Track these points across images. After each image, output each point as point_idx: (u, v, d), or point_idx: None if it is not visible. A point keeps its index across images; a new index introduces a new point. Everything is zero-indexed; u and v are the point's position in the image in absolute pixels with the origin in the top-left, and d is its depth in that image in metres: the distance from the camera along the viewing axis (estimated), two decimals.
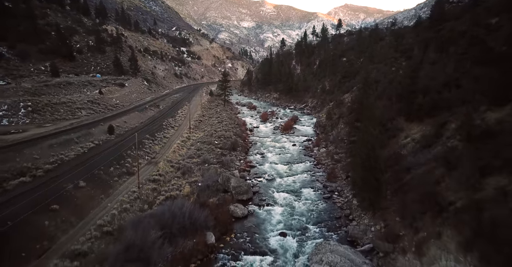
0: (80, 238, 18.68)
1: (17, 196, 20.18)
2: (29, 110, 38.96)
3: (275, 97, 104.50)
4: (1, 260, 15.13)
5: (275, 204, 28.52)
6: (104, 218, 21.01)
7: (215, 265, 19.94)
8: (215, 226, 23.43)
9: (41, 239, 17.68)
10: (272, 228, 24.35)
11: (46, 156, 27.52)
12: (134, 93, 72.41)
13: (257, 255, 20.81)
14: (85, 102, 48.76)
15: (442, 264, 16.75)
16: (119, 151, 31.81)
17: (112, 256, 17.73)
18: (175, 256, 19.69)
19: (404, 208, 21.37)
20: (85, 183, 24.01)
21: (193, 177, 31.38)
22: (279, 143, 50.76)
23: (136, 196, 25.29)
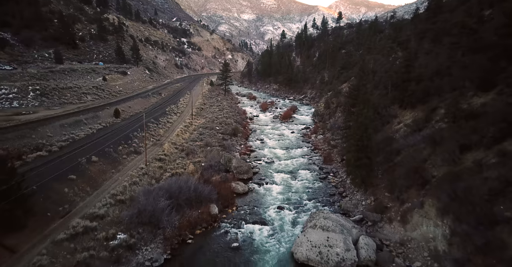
0: (97, 204, 20.50)
1: (37, 166, 21.88)
2: (38, 93, 40.36)
3: (274, 88, 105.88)
4: (32, 217, 16.91)
5: (274, 183, 30.37)
6: (116, 189, 22.81)
7: (218, 232, 21.80)
8: (218, 200, 25.26)
9: (63, 203, 19.50)
10: (270, 203, 26.22)
11: (59, 134, 29.16)
12: (136, 81, 73.66)
13: (257, 224, 22.70)
14: (90, 88, 50.17)
15: (423, 229, 18.71)
16: (126, 132, 33.45)
17: (126, 218, 19.62)
18: (182, 222, 21.52)
19: (393, 184, 23.29)
20: (97, 158, 25.76)
21: (196, 158, 33.12)
22: (278, 130, 52.48)
23: (144, 172, 27.05)
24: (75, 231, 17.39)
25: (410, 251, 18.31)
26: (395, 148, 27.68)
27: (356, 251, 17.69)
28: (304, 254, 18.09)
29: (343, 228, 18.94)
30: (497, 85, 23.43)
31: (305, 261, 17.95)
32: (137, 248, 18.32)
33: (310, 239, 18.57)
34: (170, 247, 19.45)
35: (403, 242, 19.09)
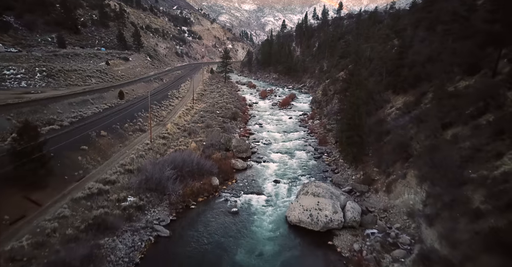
0: (108, 171, 22.37)
1: (51, 137, 23.57)
2: (44, 75, 41.73)
3: (274, 77, 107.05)
4: (52, 178, 18.75)
5: (271, 161, 32.27)
6: (125, 160, 24.66)
7: (219, 200, 23.77)
8: (219, 173, 27.14)
9: (77, 169, 21.35)
10: (267, 177, 28.16)
11: (68, 111, 30.79)
12: (138, 67, 74.76)
13: (254, 194, 24.67)
14: (94, 71, 51.48)
15: (405, 197, 20.71)
16: (131, 112, 35.11)
17: (135, 184, 21.51)
18: (185, 191, 23.43)
19: (380, 159, 25.23)
20: (105, 132, 27.51)
21: (198, 137, 34.90)
22: (277, 116, 54.20)
23: (149, 147, 28.86)
24: (90, 192, 19.27)
25: (392, 215, 20.33)
26: (386, 129, 29.48)
27: (343, 213, 19.68)
28: (297, 216, 20.08)
29: (333, 195, 20.91)
30: (482, 69, 25.09)
31: (297, 222, 19.95)
32: (146, 210, 20.28)
33: (302, 204, 20.54)
34: (175, 211, 21.40)
35: (386, 209, 21.10)
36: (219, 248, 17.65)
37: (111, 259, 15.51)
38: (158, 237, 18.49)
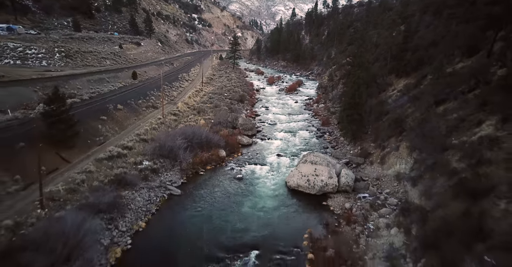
0: (125, 139, 24.64)
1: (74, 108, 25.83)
2: (63, 55, 44.04)
3: (282, 65, 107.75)
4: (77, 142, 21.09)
5: (275, 139, 34.15)
6: (139, 130, 26.91)
7: (225, 168, 25.88)
8: (226, 146, 29.17)
9: (98, 135, 23.70)
10: (271, 152, 30.11)
11: (87, 87, 33.07)
12: (149, 52, 76.71)
13: (258, 165, 26.70)
14: (109, 53, 53.66)
15: (397, 167, 22.40)
16: (144, 91, 37.25)
17: (150, 150, 23.75)
18: (195, 160, 25.57)
19: (377, 135, 26.84)
20: (122, 106, 29.74)
21: (206, 116, 36.93)
22: (283, 100, 55.72)
23: (161, 122, 31.03)
24: (111, 154, 21.59)
25: (383, 183, 22.11)
26: (385, 109, 30.89)
27: (337, 179, 21.57)
28: (295, 182, 22.07)
29: (329, 163, 22.76)
30: (480, 51, 26.13)
31: (296, 187, 21.95)
32: (160, 173, 22.54)
33: (301, 170, 22.48)
34: (185, 175, 23.65)
35: (379, 177, 22.87)
36: (225, 204, 19.83)
37: (131, 207, 17.85)
38: (171, 195, 20.78)
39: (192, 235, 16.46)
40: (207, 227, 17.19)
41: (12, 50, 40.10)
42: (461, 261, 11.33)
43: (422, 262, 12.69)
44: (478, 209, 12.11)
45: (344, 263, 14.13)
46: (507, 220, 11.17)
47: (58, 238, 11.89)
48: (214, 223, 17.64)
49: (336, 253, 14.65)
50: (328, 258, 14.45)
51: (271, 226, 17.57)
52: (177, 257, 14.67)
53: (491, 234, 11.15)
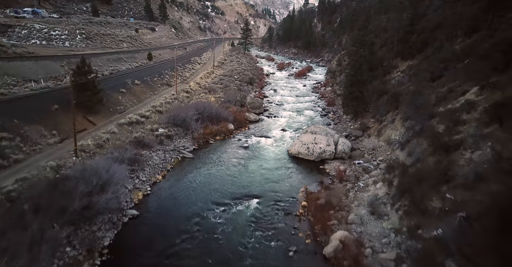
0: (142, 109, 27.14)
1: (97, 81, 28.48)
2: (84, 37, 46.76)
3: (293, 52, 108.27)
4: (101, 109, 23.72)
5: (281, 117, 36.11)
6: (155, 103, 29.37)
7: (233, 139, 28.12)
8: (234, 121, 31.33)
9: (119, 105, 26.27)
10: (276, 127, 32.15)
11: (106, 65, 35.67)
12: (163, 37, 78.97)
13: (263, 137, 28.81)
14: (126, 37, 56.19)
15: (392, 138, 24.06)
16: (159, 70, 39.64)
17: (164, 120, 26.19)
18: (205, 130, 27.90)
19: (376, 110, 28.42)
20: (139, 82, 32.23)
21: (217, 94, 39.08)
22: (292, 84, 57.25)
23: (174, 98, 33.41)
24: (131, 120, 24.13)
25: (378, 152, 23.89)
26: (387, 88, 32.27)
27: (335, 146, 23.50)
28: (296, 149, 24.14)
29: (328, 133, 24.66)
30: (481, 31, 27.08)
31: (296, 154, 24.03)
32: (174, 139, 24.97)
33: (302, 140, 24.50)
34: (197, 143, 26.04)
35: (374, 148, 24.65)
36: (232, 165, 22.14)
37: (150, 164, 20.40)
38: (184, 157, 23.25)
39: (202, 187, 18.87)
40: (215, 181, 19.58)
41: (38, 31, 42.99)
42: (428, 200, 13.31)
43: (397, 205, 14.67)
44: (447, 159, 13.94)
45: (332, 208, 16.25)
46: (469, 166, 12.99)
47: (92, 175, 14.44)
48: (222, 179, 20.00)
49: (327, 202, 16.76)
50: (319, 205, 16.60)
51: (272, 183, 19.81)
52: (189, 202, 17.10)
53: (455, 178, 13.04)
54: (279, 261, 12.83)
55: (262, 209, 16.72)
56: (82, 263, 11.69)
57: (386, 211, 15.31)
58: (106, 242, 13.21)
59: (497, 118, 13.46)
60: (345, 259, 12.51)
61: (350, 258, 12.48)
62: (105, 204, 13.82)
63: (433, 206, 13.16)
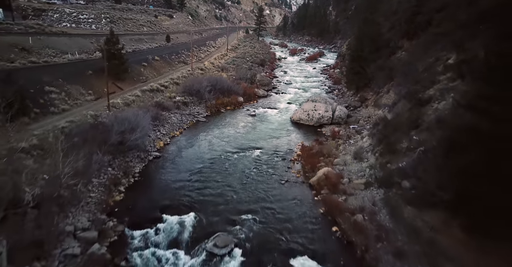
0: (162, 80, 30.49)
1: None
2: (108, 20, 50.55)
3: (307, 39, 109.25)
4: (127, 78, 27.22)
5: (288, 93, 38.71)
6: (173, 76, 32.64)
7: (242, 109, 31.06)
8: (244, 95, 34.23)
9: (141, 76, 29.74)
10: (282, 101, 34.83)
11: (129, 44, 39.23)
12: (180, 24, 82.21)
13: (269, 109, 31.60)
14: (146, 22, 59.79)
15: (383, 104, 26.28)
16: (176, 49, 42.93)
17: (181, 89, 29.45)
18: (217, 101, 30.98)
19: (374, 84, 30.55)
20: (158, 58, 35.62)
21: (229, 72, 42.02)
22: (302, 67, 59.38)
23: (190, 73, 36.64)
24: (152, 88, 27.56)
25: (372, 119, 26.23)
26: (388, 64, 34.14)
27: (332, 112, 26.07)
28: (298, 116, 26.87)
29: (327, 101, 27.22)
30: None
31: (298, 120, 26.77)
32: (189, 106, 28.21)
33: (303, 108, 27.18)
34: (209, 111, 29.19)
35: (370, 116, 27.01)
36: (240, 127, 25.19)
37: (169, 122, 23.75)
38: (198, 121, 26.48)
39: (214, 140, 22.03)
40: (225, 137, 22.71)
41: (68, 15, 47.05)
42: (399, 142, 15.90)
43: (375, 149, 17.30)
44: (418, 111, 16.40)
45: (322, 156, 19.03)
46: (434, 114, 15.43)
47: (124, 120, 17.82)
48: (231, 136, 23.10)
49: (318, 151, 19.55)
50: (311, 153, 19.41)
51: (273, 139, 22.77)
52: (203, 150, 20.31)
53: (422, 124, 15.54)
54: (273, 187, 15.85)
55: (264, 156, 19.74)
56: (121, 179, 15.11)
57: (367, 156, 17.94)
58: (137, 170, 16.64)
59: (460, 74, 15.73)
60: (326, 185, 15.37)
61: (330, 184, 15.32)
62: (135, 142, 17.23)
63: (402, 146, 15.77)
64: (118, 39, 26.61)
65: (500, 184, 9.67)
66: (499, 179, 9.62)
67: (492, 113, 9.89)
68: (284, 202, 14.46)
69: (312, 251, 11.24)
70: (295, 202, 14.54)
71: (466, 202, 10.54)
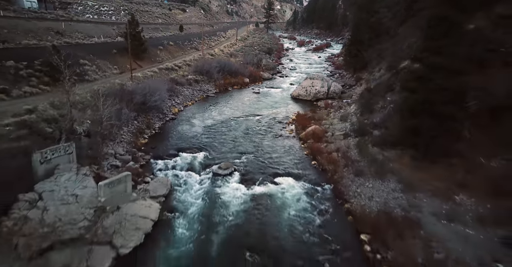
0: (175, 61, 34.01)
1: None
2: (126, 12, 54.48)
3: (316, 32, 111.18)
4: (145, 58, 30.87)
5: (291, 76, 41.66)
6: (185, 59, 36.14)
7: (248, 89, 34.29)
8: (250, 76, 37.45)
9: (157, 57, 33.33)
10: (285, 82, 37.86)
11: (146, 32, 42.74)
12: (193, 17, 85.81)
13: (273, 88, 34.70)
14: (161, 14, 63.63)
15: None
16: (188, 37, 46.48)
17: (192, 69, 32.90)
18: (225, 81, 34.29)
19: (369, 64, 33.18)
20: (172, 43, 39.20)
21: (237, 58, 45.23)
22: (308, 56, 62.03)
23: (201, 57, 40.01)
24: (167, 67, 31.13)
25: None
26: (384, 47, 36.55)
27: (327, 88, 28.98)
28: (297, 92, 29.91)
29: (323, 79, 30.13)
30: None
31: (297, 96, 29.80)
32: (200, 83, 31.61)
33: (302, 85, 30.17)
34: (218, 89, 32.52)
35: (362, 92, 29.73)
36: (245, 100, 28.45)
37: (182, 94, 27.21)
38: (207, 96, 29.88)
39: (222, 109, 25.37)
40: (232, 107, 26.03)
41: (91, 7, 51.21)
42: (376, 104, 18.82)
43: (358, 111, 20.23)
44: (394, 78, 19.23)
45: (313, 120, 22.08)
46: None
47: (145, 86, 21.34)
48: (237, 107, 26.37)
49: (311, 117, 22.62)
50: (304, 118, 22.48)
51: (273, 109, 25.90)
52: (213, 115, 23.68)
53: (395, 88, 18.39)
54: (269, 139, 19.06)
55: (264, 120, 22.97)
56: (144, 130, 18.65)
57: (351, 118, 20.89)
58: (157, 126, 20.19)
59: None
60: (311, 137, 18.47)
61: (316, 136, 18.40)
62: (154, 103, 20.74)
63: (378, 107, 18.71)
64: (138, 23, 30.23)
65: (435, 118, 12.64)
66: (435, 115, 12.55)
67: (429, 62, 12.82)
68: (276, 148, 17.68)
69: (293, 174, 14.45)
70: (285, 148, 17.74)
71: (414, 135, 13.48)
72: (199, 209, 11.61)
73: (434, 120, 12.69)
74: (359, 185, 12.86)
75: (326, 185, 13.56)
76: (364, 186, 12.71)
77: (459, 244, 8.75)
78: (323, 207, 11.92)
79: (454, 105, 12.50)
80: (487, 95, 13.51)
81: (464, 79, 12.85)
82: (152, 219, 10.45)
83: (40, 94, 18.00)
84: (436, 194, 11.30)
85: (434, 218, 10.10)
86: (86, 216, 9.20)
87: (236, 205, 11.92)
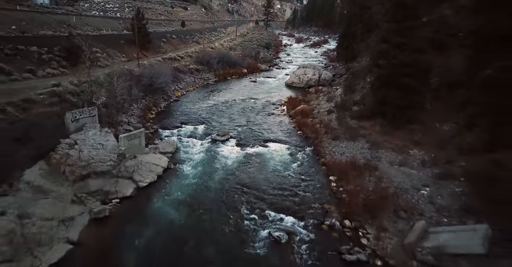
0: (178, 53, 36.45)
1: None
2: (130, 9, 56.95)
3: (314, 30, 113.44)
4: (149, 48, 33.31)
5: (287, 68, 44.05)
6: (187, 51, 38.58)
7: (245, 78, 36.70)
8: (248, 67, 39.88)
9: (161, 49, 35.77)
10: (281, 73, 40.25)
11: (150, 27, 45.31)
12: (194, 15, 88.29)
13: (269, 78, 37.11)
14: (163, 11, 66.09)
15: None
16: (190, 32, 48.89)
17: (194, 59, 35.33)
18: (224, 71, 36.71)
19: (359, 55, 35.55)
20: (175, 36, 41.65)
21: (236, 51, 47.64)
22: (305, 51, 64.36)
23: (201, 50, 42.45)
24: (170, 57, 33.55)
25: None
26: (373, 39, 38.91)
27: (319, 76, 31.38)
28: (291, 80, 32.33)
29: (315, 67, 32.54)
30: None
31: (291, 83, 32.22)
32: (201, 72, 34.06)
33: (296, 73, 32.58)
34: (218, 78, 34.95)
35: None
36: (244, 88, 30.89)
37: (184, 81, 29.68)
38: (208, 83, 32.33)
39: (221, 93, 27.83)
40: (230, 91, 28.47)
41: (97, 4, 53.72)
42: (358, 85, 21.21)
43: (342, 92, 22.64)
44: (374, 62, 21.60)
45: (303, 101, 24.49)
46: None
47: (151, 71, 23.79)
48: (235, 92, 28.82)
49: (301, 99, 25.03)
50: (295, 100, 24.89)
51: (268, 94, 28.33)
52: (212, 98, 26.11)
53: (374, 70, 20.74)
54: (262, 116, 21.50)
55: (259, 102, 25.40)
56: (151, 107, 21.13)
57: (336, 99, 23.29)
58: (162, 105, 22.68)
59: None
60: (300, 114, 20.89)
61: (304, 113, 20.82)
62: (160, 85, 23.20)
63: (359, 87, 21.12)
64: (144, 15, 32.66)
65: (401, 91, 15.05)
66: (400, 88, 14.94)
67: (395, 42, 15.24)
68: (267, 122, 20.14)
69: (280, 140, 16.90)
70: (276, 122, 20.20)
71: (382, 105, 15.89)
72: (201, 162, 14.07)
73: (399, 92, 15.11)
74: (335, 146, 15.30)
75: (308, 148, 16.01)
76: (339, 146, 15.14)
77: (402, 178, 11.19)
78: (303, 161, 14.38)
79: (418, 81, 14.89)
80: (447, 73, 16.02)
81: (425, 58, 15.32)
82: (162, 166, 12.92)
83: (60, 75, 20.42)
84: (395, 150, 13.73)
85: (388, 165, 12.54)
86: (111, 158, 11.67)
87: (232, 159, 14.40)
